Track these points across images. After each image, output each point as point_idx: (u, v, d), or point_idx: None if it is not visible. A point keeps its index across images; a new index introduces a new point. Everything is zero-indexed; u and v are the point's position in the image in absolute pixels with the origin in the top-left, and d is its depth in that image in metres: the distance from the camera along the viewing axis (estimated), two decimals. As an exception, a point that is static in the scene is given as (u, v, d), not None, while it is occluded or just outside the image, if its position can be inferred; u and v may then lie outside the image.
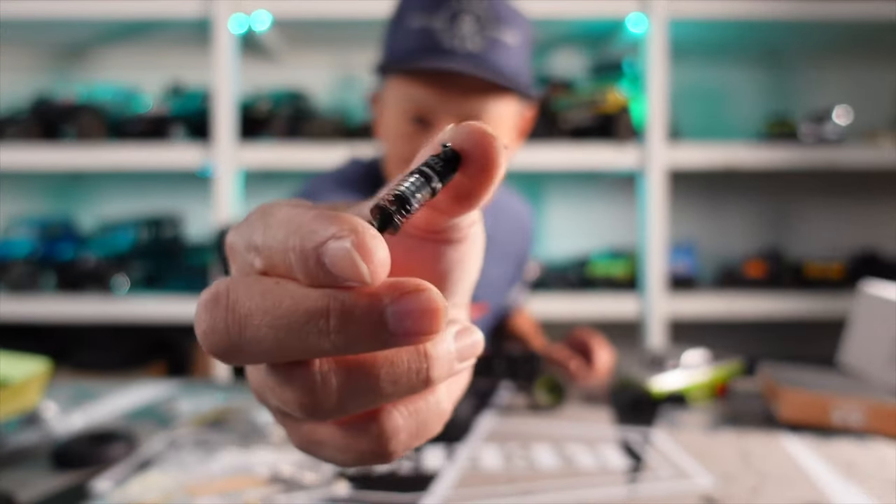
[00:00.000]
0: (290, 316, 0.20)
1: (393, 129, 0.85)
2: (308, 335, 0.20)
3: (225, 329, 0.21)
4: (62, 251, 2.03)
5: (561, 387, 0.81)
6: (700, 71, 2.46)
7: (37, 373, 0.66)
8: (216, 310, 0.22)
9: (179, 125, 2.01)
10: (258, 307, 0.20)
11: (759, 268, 2.15)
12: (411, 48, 0.80)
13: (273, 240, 0.21)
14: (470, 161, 0.22)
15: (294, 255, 0.20)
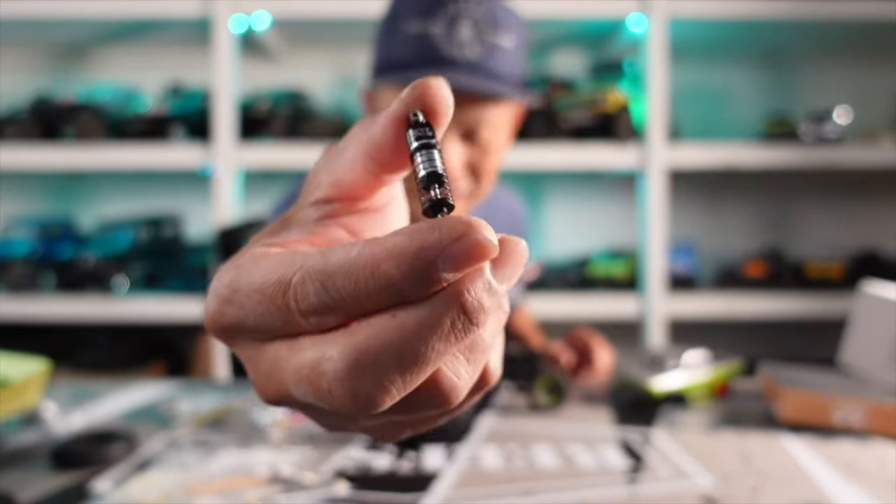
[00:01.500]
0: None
1: None
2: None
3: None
4: (62, 251, 2.03)
5: (561, 387, 0.81)
6: (700, 71, 2.46)
7: (37, 373, 0.66)
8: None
9: (179, 125, 2.01)
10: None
11: (759, 268, 2.15)
12: (409, 56, 0.79)
13: (347, 279, 0.20)
14: (428, 113, 0.24)
15: (399, 272, 0.20)
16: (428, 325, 0.20)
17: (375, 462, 0.63)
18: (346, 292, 0.20)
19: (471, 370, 0.22)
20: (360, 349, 0.20)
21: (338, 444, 0.68)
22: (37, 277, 2.02)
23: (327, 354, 0.21)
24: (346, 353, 0.20)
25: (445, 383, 0.22)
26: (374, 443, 0.68)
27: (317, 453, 0.65)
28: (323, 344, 0.21)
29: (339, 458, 0.64)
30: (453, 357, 0.22)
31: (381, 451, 0.66)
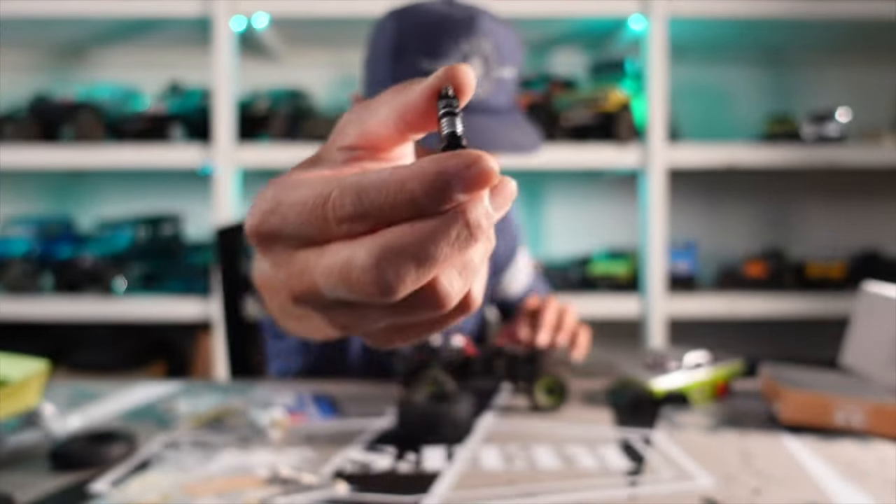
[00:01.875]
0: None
1: None
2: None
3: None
4: (60, 250, 2.03)
5: (562, 387, 0.80)
6: (700, 70, 2.46)
7: (35, 373, 0.66)
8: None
9: (177, 124, 2.01)
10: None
11: (759, 268, 2.15)
12: None
13: (378, 193, 0.26)
14: (455, 91, 0.29)
15: (421, 189, 0.25)
16: (439, 232, 0.25)
17: (375, 463, 0.63)
18: (376, 204, 0.25)
19: (461, 284, 0.28)
20: (384, 247, 0.25)
21: (337, 445, 0.68)
22: (35, 277, 2.02)
23: (357, 252, 0.26)
24: (373, 250, 0.25)
25: (442, 288, 0.27)
26: (373, 444, 0.68)
27: (316, 454, 0.65)
28: (353, 245, 0.26)
29: (338, 458, 0.64)
30: (451, 268, 0.27)
31: (380, 453, 0.66)
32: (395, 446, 0.67)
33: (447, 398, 0.71)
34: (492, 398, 0.85)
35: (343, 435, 0.71)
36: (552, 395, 0.80)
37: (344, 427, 0.74)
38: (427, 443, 0.67)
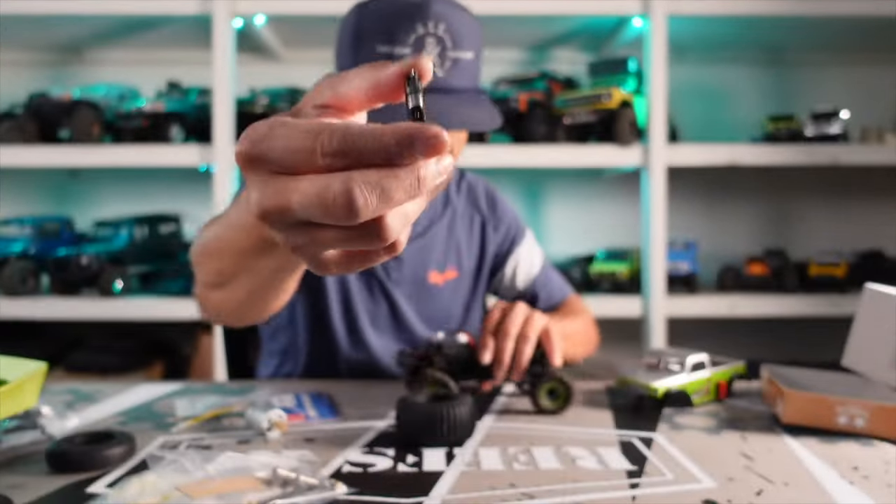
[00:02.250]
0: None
1: None
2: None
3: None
4: (57, 250, 2.02)
5: (566, 390, 0.79)
6: (701, 69, 2.45)
7: (32, 374, 0.65)
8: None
9: (175, 122, 2.00)
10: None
11: (761, 267, 2.15)
12: None
13: (361, 138, 0.33)
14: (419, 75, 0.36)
15: (393, 141, 0.32)
16: (399, 177, 0.32)
17: (374, 464, 0.62)
18: (358, 145, 0.32)
19: (399, 226, 0.35)
20: (357, 179, 0.32)
21: (336, 446, 0.67)
22: (32, 276, 2.01)
23: (334, 181, 0.32)
24: (348, 180, 0.32)
25: (387, 223, 0.34)
26: (373, 445, 0.68)
27: (315, 455, 0.64)
28: (331, 176, 0.32)
29: (338, 460, 0.64)
30: (396, 211, 0.34)
31: (380, 454, 0.65)
32: (395, 447, 0.67)
33: (448, 399, 0.70)
34: (493, 400, 0.85)
35: (342, 436, 0.71)
36: (556, 398, 0.79)
37: (343, 428, 0.73)
38: (428, 445, 0.67)
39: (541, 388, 0.80)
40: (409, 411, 0.68)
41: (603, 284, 2.10)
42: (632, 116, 1.96)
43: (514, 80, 2.11)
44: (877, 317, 0.82)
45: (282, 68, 2.41)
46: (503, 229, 1.17)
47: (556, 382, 0.80)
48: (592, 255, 2.22)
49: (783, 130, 2.08)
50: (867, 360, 0.82)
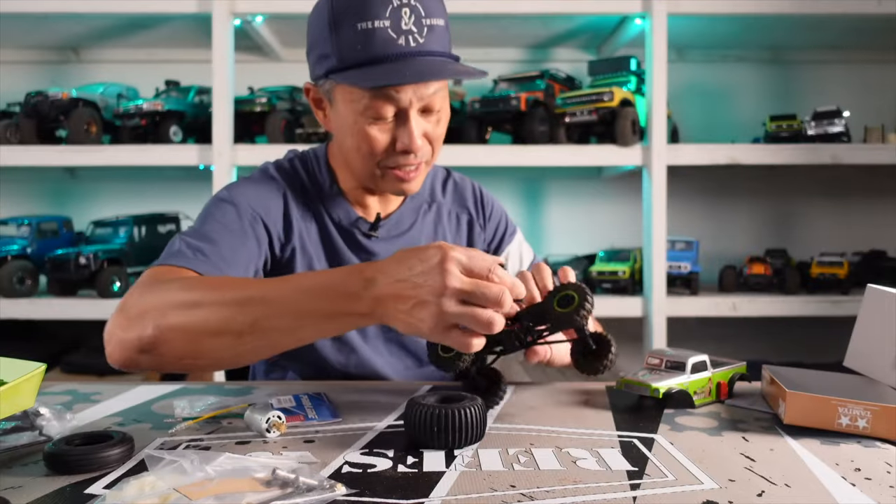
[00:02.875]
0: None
1: (355, 128, 0.93)
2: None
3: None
4: (55, 250, 2.01)
5: (581, 294, 0.71)
6: (702, 69, 2.45)
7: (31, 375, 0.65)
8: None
9: (174, 121, 2.00)
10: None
11: (762, 267, 2.14)
12: (362, 55, 0.87)
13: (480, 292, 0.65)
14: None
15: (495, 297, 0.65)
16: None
17: (374, 465, 0.62)
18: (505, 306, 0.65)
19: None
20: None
21: (336, 448, 0.67)
22: (30, 277, 2.01)
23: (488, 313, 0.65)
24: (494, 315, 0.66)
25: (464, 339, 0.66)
26: (372, 446, 0.68)
27: (315, 456, 0.64)
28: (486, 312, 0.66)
29: (337, 461, 0.63)
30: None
31: (380, 455, 0.65)
32: (395, 448, 0.67)
33: (458, 401, 0.68)
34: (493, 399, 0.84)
35: (342, 437, 0.70)
36: (568, 304, 0.71)
37: (343, 429, 0.73)
38: (435, 447, 0.66)
39: (553, 297, 0.73)
40: (418, 413, 0.66)
41: (604, 284, 2.10)
42: (632, 116, 1.96)
43: (514, 79, 2.11)
44: (879, 317, 0.81)
45: (280, 67, 2.40)
46: (491, 227, 1.17)
47: (570, 289, 0.72)
48: (593, 255, 2.22)
49: (784, 130, 2.07)
50: (869, 360, 0.82)
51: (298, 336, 0.73)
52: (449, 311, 0.64)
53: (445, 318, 0.64)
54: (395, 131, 0.92)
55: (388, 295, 0.66)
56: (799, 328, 2.23)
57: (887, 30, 2.13)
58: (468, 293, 0.64)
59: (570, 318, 0.71)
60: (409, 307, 0.66)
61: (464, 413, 0.66)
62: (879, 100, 2.43)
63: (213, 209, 0.96)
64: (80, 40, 2.33)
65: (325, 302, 0.69)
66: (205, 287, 0.76)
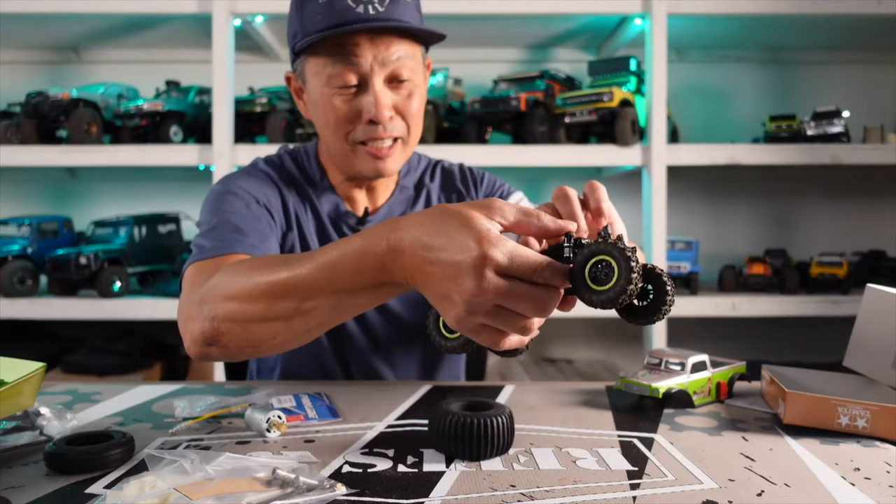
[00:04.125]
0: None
1: (322, 101, 0.94)
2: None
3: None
4: (56, 250, 2.02)
5: (626, 264, 0.54)
6: (702, 69, 2.45)
7: (31, 375, 0.65)
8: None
9: (174, 121, 2.00)
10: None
11: (762, 267, 2.14)
12: (322, 24, 0.90)
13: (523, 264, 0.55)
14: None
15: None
16: (558, 298, 0.58)
17: (375, 465, 0.62)
18: (551, 279, 0.56)
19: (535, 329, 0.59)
20: (551, 294, 0.57)
21: (337, 447, 0.67)
22: (30, 277, 2.01)
23: (547, 291, 0.56)
24: (553, 291, 0.57)
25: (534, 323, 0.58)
26: (373, 446, 0.68)
27: (315, 456, 0.64)
28: (543, 289, 0.56)
29: (337, 461, 0.63)
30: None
31: (380, 455, 0.65)
32: (395, 448, 0.67)
33: (485, 409, 0.65)
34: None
35: (342, 437, 0.70)
36: (603, 280, 0.55)
37: (343, 429, 0.73)
38: (462, 458, 0.63)
39: (584, 263, 0.56)
40: (445, 422, 0.63)
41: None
42: (632, 116, 1.96)
43: (514, 79, 2.11)
44: (878, 317, 0.81)
45: (281, 68, 2.40)
46: (483, 190, 1.14)
47: (607, 255, 0.55)
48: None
49: (784, 130, 2.07)
50: (869, 360, 0.82)
51: (344, 311, 0.68)
52: (478, 317, 0.56)
53: (473, 320, 0.56)
54: (362, 101, 0.92)
55: (415, 269, 0.58)
56: (798, 328, 2.23)
57: (887, 30, 2.13)
58: (504, 299, 0.54)
59: (599, 297, 0.55)
60: (435, 295, 0.58)
61: (493, 423, 0.63)
62: (879, 100, 2.43)
63: (219, 202, 0.96)
64: (80, 40, 2.33)
65: (355, 277, 0.62)
66: (246, 272, 0.71)
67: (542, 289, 0.55)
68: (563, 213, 0.67)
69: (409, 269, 0.58)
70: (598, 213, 0.68)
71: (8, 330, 2.12)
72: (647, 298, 0.61)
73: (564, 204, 0.67)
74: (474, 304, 0.55)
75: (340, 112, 0.93)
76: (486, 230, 0.54)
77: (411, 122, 0.96)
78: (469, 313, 0.55)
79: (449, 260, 0.55)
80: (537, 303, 0.55)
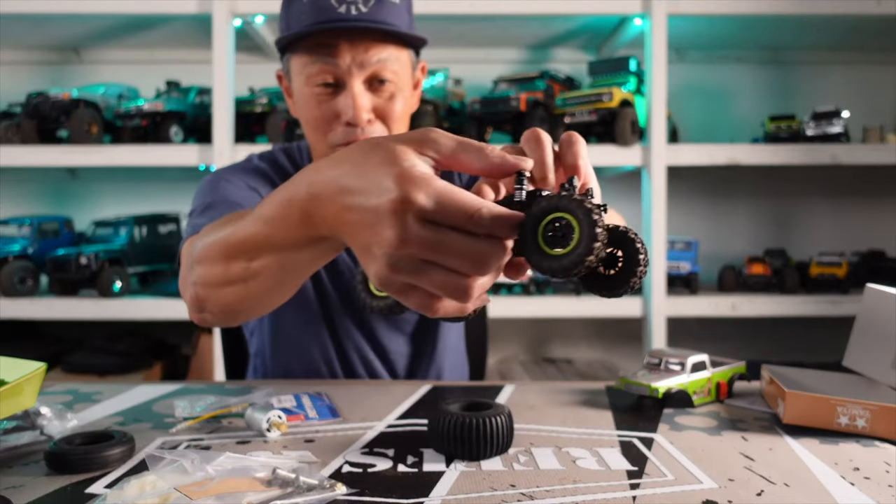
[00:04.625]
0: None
1: (302, 100, 0.94)
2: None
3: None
4: (56, 250, 2.02)
5: (589, 223, 0.44)
6: (701, 69, 2.45)
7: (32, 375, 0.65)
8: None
9: (175, 121, 2.00)
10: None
11: (762, 267, 2.14)
12: (306, 23, 0.90)
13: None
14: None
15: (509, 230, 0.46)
16: (506, 251, 0.47)
17: (375, 465, 0.62)
18: (493, 228, 0.46)
19: (479, 290, 0.48)
20: (491, 247, 0.47)
21: (337, 447, 0.67)
22: (31, 277, 2.01)
23: (485, 243, 0.46)
24: (495, 245, 0.46)
25: (476, 284, 0.47)
26: (373, 446, 0.68)
27: (315, 456, 0.64)
28: (480, 241, 0.46)
29: (337, 460, 0.63)
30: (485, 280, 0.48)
31: (380, 455, 0.65)
32: (395, 448, 0.67)
33: (483, 409, 0.65)
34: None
35: (342, 437, 0.70)
36: (559, 241, 0.46)
37: (343, 429, 0.73)
38: (461, 458, 0.63)
39: (537, 220, 0.46)
40: (443, 423, 0.63)
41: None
42: (632, 116, 1.96)
43: (514, 79, 2.11)
44: (878, 317, 0.81)
45: (281, 68, 2.40)
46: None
47: (567, 212, 0.45)
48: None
49: (784, 130, 2.08)
50: (868, 360, 0.82)
51: (294, 271, 0.61)
52: (401, 274, 0.46)
53: (397, 278, 0.46)
54: (339, 103, 0.92)
55: (334, 218, 0.49)
56: (798, 328, 2.23)
57: (887, 30, 2.13)
58: (432, 253, 0.44)
59: (551, 264, 0.45)
60: (357, 248, 0.48)
61: (492, 423, 0.62)
62: (878, 100, 2.43)
63: (213, 187, 0.97)
64: (80, 41, 2.33)
65: (286, 231, 0.54)
66: (208, 232, 0.67)
67: (481, 240, 0.44)
68: (531, 159, 0.53)
69: (329, 219, 0.49)
70: (572, 171, 0.53)
71: (8, 330, 2.12)
72: (616, 266, 0.50)
73: (535, 149, 0.52)
74: (396, 258, 0.45)
75: (318, 112, 0.93)
76: (408, 167, 0.44)
77: (393, 124, 0.95)
78: (392, 269, 0.45)
79: (366, 205, 0.46)
80: (474, 257, 0.44)
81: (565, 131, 0.60)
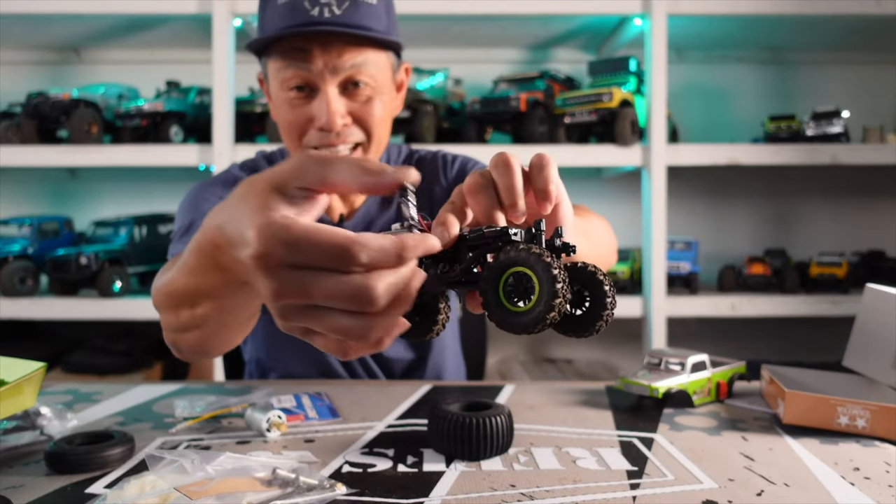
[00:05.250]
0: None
1: (277, 104, 0.94)
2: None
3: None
4: (56, 250, 2.02)
5: (549, 279, 0.44)
6: (701, 69, 2.45)
7: (32, 375, 0.65)
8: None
9: (174, 121, 2.00)
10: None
11: (762, 267, 2.14)
12: (280, 26, 0.89)
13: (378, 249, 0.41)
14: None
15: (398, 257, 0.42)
16: (401, 276, 0.43)
17: (374, 465, 0.62)
18: (378, 263, 0.42)
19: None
20: (377, 278, 0.42)
21: (337, 447, 0.67)
22: (31, 277, 2.01)
23: (361, 278, 0.42)
24: (371, 278, 0.42)
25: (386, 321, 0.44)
26: (373, 446, 0.68)
27: (315, 456, 0.64)
28: (355, 277, 0.42)
29: (337, 460, 0.63)
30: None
31: (380, 455, 0.65)
32: (395, 448, 0.67)
33: (483, 409, 0.66)
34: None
35: (342, 437, 0.70)
36: (519, 297, 0.45)
37: (343, 429, 0.73)
38: (461, 458, 0.64)
39: (496, 277, 0.46)
40: (443, 423, 0.63)
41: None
42: (632, 116, 1.96)
43: (514, 79, 2.11)
44: (878, 317, 0.81)
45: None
46: (454, 170, 1.09)
47: (525, 266, 0.44)
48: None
49: (784, 130, 2.07)
50: (868, 360, 0.82)
51: (236, 314, 0.58)
52: (294, 321, 0.43)
53: (294, 325, 0.44)
54: (313, 107, 0.91)
55: (231, 266, 0.46)
56: (798, 328, 2.23)
57: (886, 30, 2.13)
58: (310, 298, 0.41)
59: (514, 320, 0.45)
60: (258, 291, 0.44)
61: (492, 423, 0.63)
62: (878, 100, 2.43)
63: (193, 206, 0.97)
64: (80, 41, 2.33)
65: (206, 277, 0.51)
66: (158, 278, 0.64)
67: (356, 276, 0.41)
68: (500, 186, 0.50)
69: (233, 266, 0.46)
70: (543, 196, 0.51)
71: (8, 330, 2.12)
72: (583, 306, 0.49)
73: (503, 174, 0.50)
74: (280, 308, 0.43)
75: (293, 116, 0.92)
76: (267, 216, 0.42)
77: (372, 128, 0.93)
78: (283, 318, 0.43)
79: (240, 258, 0.43)
80: (352, 294, 0.40)
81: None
